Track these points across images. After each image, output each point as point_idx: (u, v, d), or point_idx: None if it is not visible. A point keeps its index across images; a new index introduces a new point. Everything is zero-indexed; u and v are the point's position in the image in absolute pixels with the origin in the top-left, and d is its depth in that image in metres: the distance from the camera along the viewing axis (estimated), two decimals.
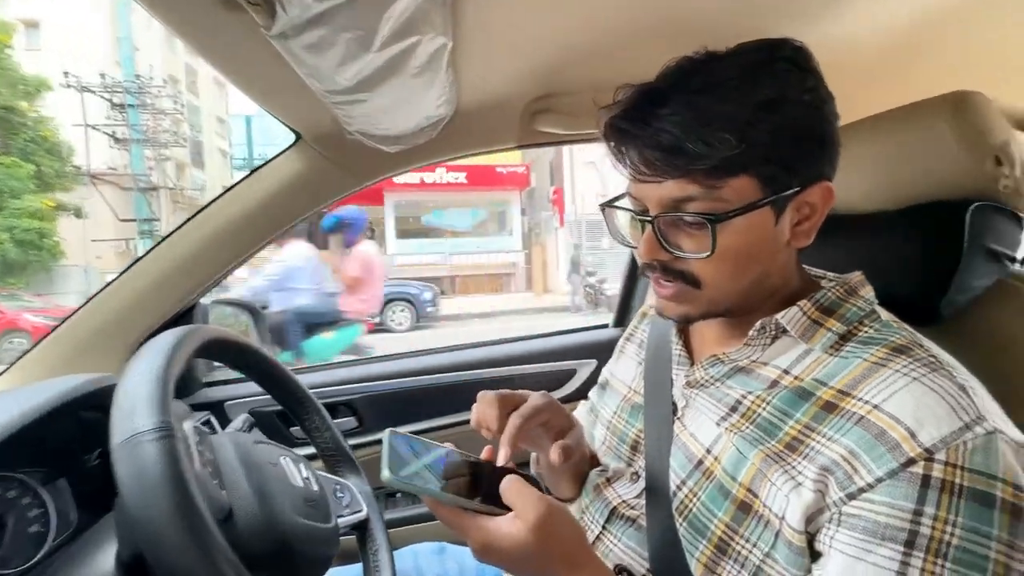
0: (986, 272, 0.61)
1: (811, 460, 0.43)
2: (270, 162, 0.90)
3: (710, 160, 0.44)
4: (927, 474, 0.38)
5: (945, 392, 0.41)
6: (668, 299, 0.52)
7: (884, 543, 0.38)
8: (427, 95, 0.70)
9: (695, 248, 0.48)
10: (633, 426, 0.63)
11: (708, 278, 0.49)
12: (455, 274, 12.80)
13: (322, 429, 0.80)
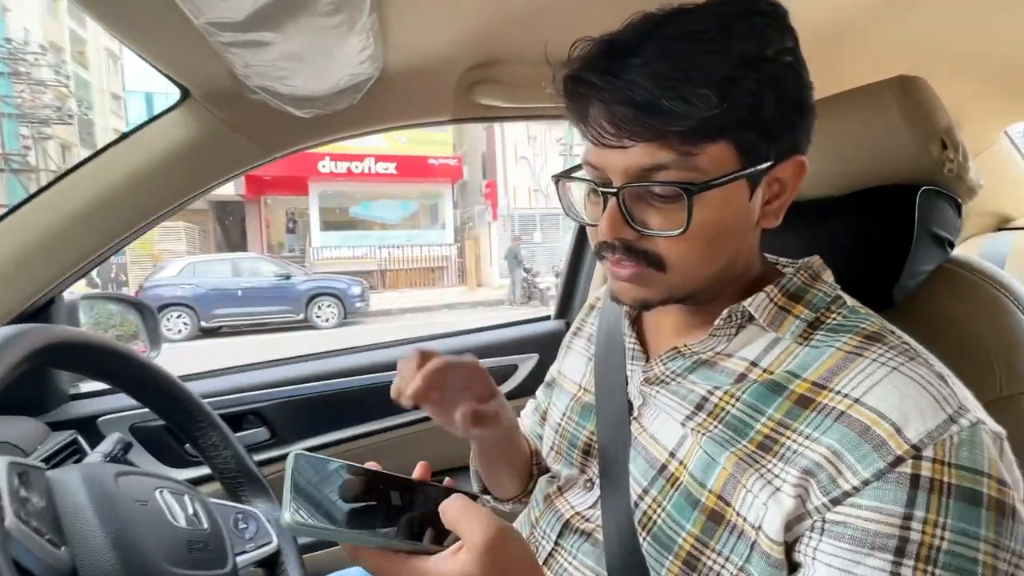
0: (932, 257, 0.61)
1: (789, 462, 0.39)
2: (150, 123, 0.74)
3: (688, 120, 0.38)
4: (916, 473, 0.35)
5: (926, 382, 0.38)
6: (626, 281, 0.46)
7: (873, 553, 0.35)
8: (345, 46, 0.59)
9: (665, 225, 0.42)
10: (584, 428, 0.57)
11: (675, 260, 0.43)
12: (385, 268, 12.36)
13: (220, 446, 0.67)
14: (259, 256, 9.65)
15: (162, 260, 9.27)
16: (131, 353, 0.56)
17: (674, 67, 0.38)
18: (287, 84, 0.63)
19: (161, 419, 0.63)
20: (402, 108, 0.84)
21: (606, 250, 0.45)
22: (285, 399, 0.98)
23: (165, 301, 7.45)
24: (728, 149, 0.41)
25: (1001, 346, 0.55)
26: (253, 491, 0.68)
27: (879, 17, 0.80)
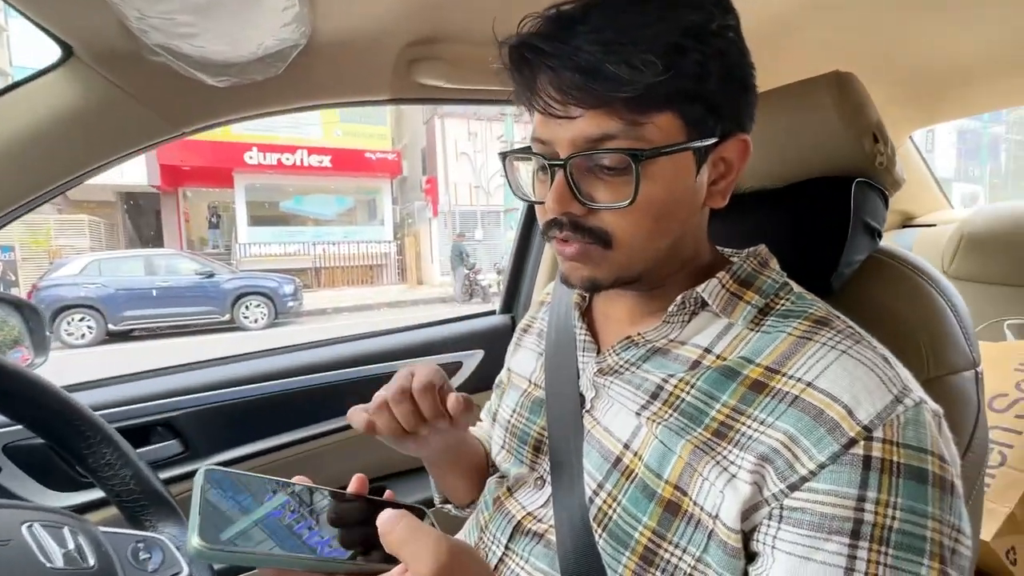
0: (864, 246, 0.64)
1: (744, 448, 0.39)
2: (20, 86, 0.62)
3: (634, 87, 0.38)
4: (867, 455, 0.36)
5: (873, 364, 0.39)
6: (573, 259, 0.45)
7: (831, 538, 0.35)
8: (263, 5, 0.52)
9: (612, 198, 0.42)
10: (535, 423, 0.55)
11: (623, 235, 0.43)
12: (320, 265, 11.81)
13: (116, 464, 0.58)
14: (176, 253, 8.85)
15: (61, 257, 8.31)
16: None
17: (620, 33, 0.38)
18: (193, 44, 0.54)
19: (39, 436, 0.53)
20: (334, 83, 0.77)
21: (554, 227, 0.45)
22: (200, 407, 0.88)
23: (65, 302, 6.68)
24: (674, 120, 0.41)
25: (927, 331, 0.57)
26: (159, 514, 0.60)
27: (804, 18, 0.83)
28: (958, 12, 0.84)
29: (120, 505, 0.58)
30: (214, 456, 0.88)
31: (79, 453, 0.56)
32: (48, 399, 0.51)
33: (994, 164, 13.70)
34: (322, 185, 12.54)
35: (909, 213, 1.50)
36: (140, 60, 0.60)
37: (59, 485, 0.79)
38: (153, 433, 0.86)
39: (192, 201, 12.67)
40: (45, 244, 8.99)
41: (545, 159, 0.43)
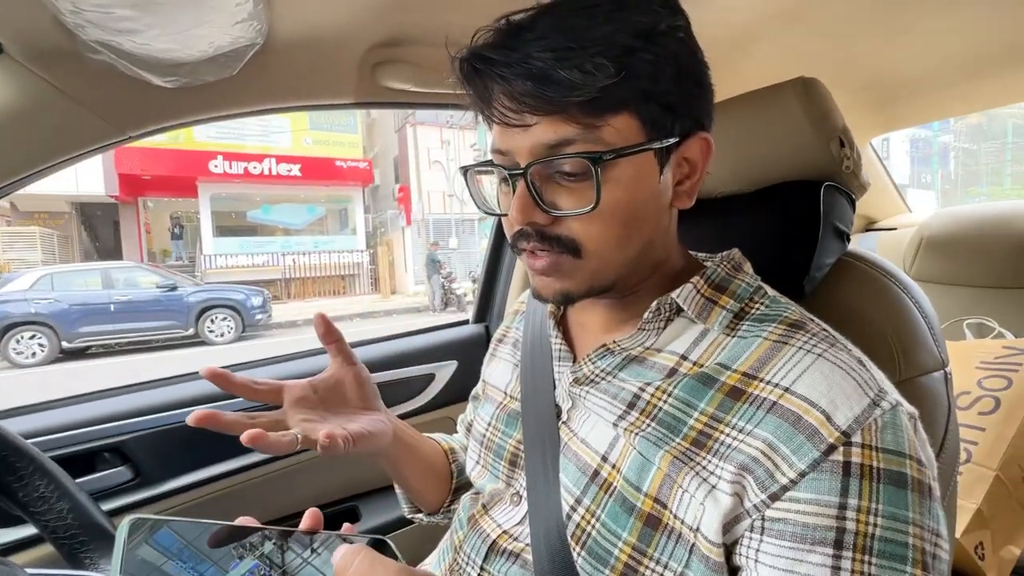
0: (834, 249, 0.64)
1: (724, 458, 0.38)
2: None
3: (587, 91, 0.38)
4: (847, 461, 0.35)
5: (849, 367, 0.39)
6: (544, 273, 0.44)
7: (814, 548, 0.35)
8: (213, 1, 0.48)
9: (576, 204, 0.41)
10: (510, 437, 0.54)
11: (590, 243, 0.42)
12: (290, 276, 11.52)
13: (51, 497, 0.54)
14: (136, 265, 8.46)
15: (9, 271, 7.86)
16: None
17: (570, 39, 0.38)
18: (136, 41, 0.51)
19: None
20: (294, 85, 0.73)
21: (521, 239, 0.44)
22: (152, 429, 0.82)
23: (13, 319, 6.31)
24: (631, 121, 0.40)
25: (897, 334, 0.58)
26: (102, 549, 0.55)
27: (765, 28, 0.84)
28: (911, 24, 0.87)
29: (56, 542, 0.53)
30: (168, 482, 0.82)
31: (8, 487, 0.51)
32: None
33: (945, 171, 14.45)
34: (291, 194, 12.28)
35: (871, 217, 1.55)
36: (79, 58, 0.56)
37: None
38: (100, 460, 0.79)
39: (153, 211, 12.22)
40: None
41: (506, 170, 0.42)
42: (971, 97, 1.14)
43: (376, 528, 0.95)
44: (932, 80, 1.08)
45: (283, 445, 0.42)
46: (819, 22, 0.86)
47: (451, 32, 0.73)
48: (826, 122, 0.62)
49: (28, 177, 0.65)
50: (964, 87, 1.09)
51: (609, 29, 0.39)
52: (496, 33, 0.41)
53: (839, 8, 0.82)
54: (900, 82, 1.10)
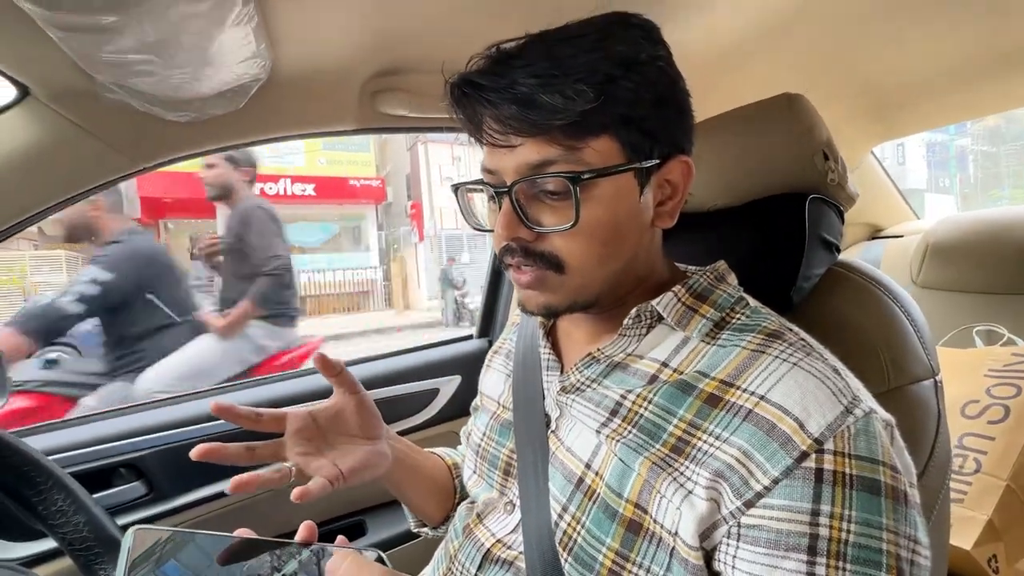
0: (822, 261, 0.65)
1: (701, 464, 0.39)
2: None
3: (568, 115, 0.40)
4: (819, 468, 0.36)
5: (823, 376, 0.40)
6: (528, 287, 0.46)
7: (788, 555, 0.35)
8: (219, 41, 0.52)
9: (557, 221, 0.43)
10: (504, 446, 0.55)
11: (573, 259, 0.44)
12: (305, 294, 11.68)
13: (69, 511, 0.56)
14: None
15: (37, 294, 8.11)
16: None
17: (554, 66, 0.41)
18: (149, 82, 0.55)
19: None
20: (297, 115, 0.77)
21: (507, 254, 0.46)
22: (166, 446, 0.85)
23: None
24: (612, 144, 0.42)
25: (886, 343, 0.58)
26: (114, 561, 0.57)
27: (755, 44, 0.86)
28: (901, 32, 0.87)
29: (73, 554, 0.56)
30: (179, 497, 0.85)
31: (28, 501, 0.54)
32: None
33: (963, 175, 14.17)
34: (306, 213, 12.51)
35: (877, 225, 1.54)
36: (97, 98, 0.60)
37: (16, 535, 0.76)
38: (116, 475, 0.82)
39: (173, 233, 12.53)
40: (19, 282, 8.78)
41: (493, 188, 0.45)
42: (970, 104, 1.14)
43: (382, 542, 0.96)
44: (928, 87, 1.08)
45: (275, 481, 0.46)
46: (807, 37, 0.88)
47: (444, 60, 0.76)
48: (810, 136, 0.63)
49: (51, 208, 0.69)
50: (962, 94, 1.09)
51: (592, 58, 0.41)
52: (486, 60, 0.44)
53: (826, 22, 0.84)
54: (896, 90, 1.10)
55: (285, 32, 0.62)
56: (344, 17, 0.64)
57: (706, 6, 0.74)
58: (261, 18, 0.55)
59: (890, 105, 1.18)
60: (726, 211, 0.69)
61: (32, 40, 0.51)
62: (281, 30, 0.61)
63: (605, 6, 0.49)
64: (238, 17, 0.49)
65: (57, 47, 0.51)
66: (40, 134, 0.63)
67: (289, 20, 0.60)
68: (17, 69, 0.57)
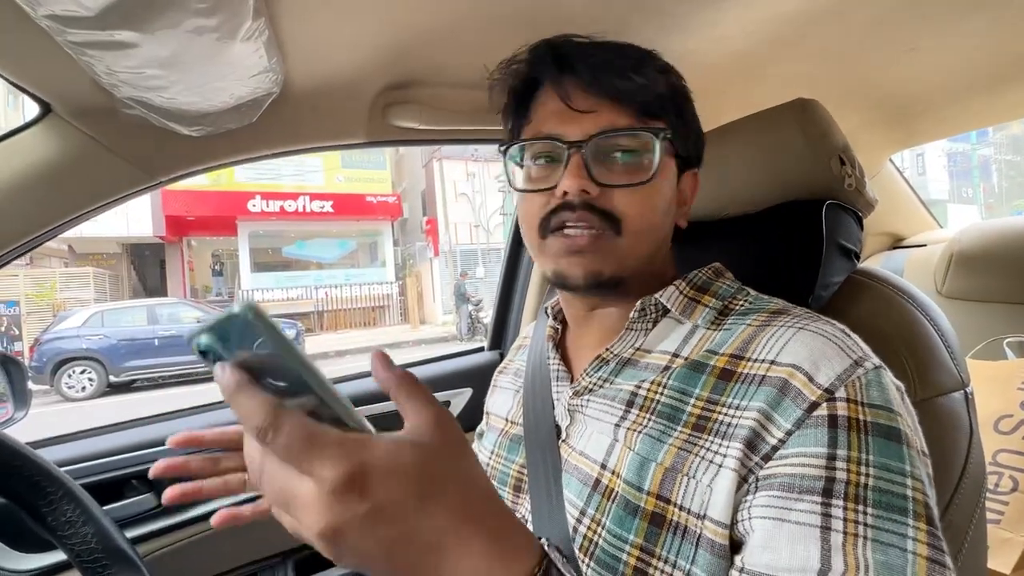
0: (841, 268, 0.63)
1: (727, 436, 0.39)
2: (2, 140, 0.64)
3: (647, 93, 0.46)
4: (832, 414, 0.36)
5: (831, 335, 0.40)
6: (582, 250, 0.46)
7: (802, 497, 0.34)
8: (232, 56, 0.53)
9: (628, 178, 0.46)
10: (513, 462, 0.55)
11: (632, 219, 0.46)
12: (323, 308, 11.83)
13: (77, 521, 0.56)
14: (179, 301, 8.88)
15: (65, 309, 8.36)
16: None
17: (631, 51, 0.48)
18: (164, 96, 0.56)
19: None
20: (309, 129, 0.79)
21: (565, 211, 0.46)
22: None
23: (67, 355, 6.67)
24: (667, 130, 0.48)
25: (911, 352, 0.56)
26: (121, 573, 0.57)
27: (768, 53, 0.85)
28: (916, 40, 0.86)
29: (80, 565, 0.55)
30: (191, 510, 0.85)
31: (38, 511, 0.54)
32: (3, 453, 0.50)
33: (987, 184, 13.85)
34: (324, 229, 12.74)
35: (898, 235, 1.50)
36: (115, 114, 0.62)
37: (29, 546, 0.76)
38: (128, 487, 0.83)
39: (196, 250, 12.87)
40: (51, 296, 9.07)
41: (564, 144, 0.46)
42: (989, 110, 1.11)
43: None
44: (945, 95, 1.06)
45: (230, 488, 0.42)
46: (820, 44, 0.87)
47: (453, 74, 0.77)
48: (825, 141, 0.62)
49: (71, 222, 0.71)
50: (980, 100, 1.06)
51: (647, 56, 0.49)
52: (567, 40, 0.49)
53: (838, 29, 0.83)
54: (912, 98, 1.08)
55: (296, 47, 0.63)
56: (355, 31, 0.65)
57: (717, 15, 0.74)
58: (272, 33, 0.56)
59: (908, 112, 1.16)
60: (740, 218, 0.68)
61: (53, 58, 0.52)
62: (292, 45, 0.62)
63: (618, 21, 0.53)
64: (248, 32, 0.50)
65: (77, 65, 0.52)
66: (61, 150, 0.65)
67: (300, 35, 0.61)
68: (39, 87, 0.59)
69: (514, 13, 0.65)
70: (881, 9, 0.77)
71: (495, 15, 0.66)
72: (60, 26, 0.42)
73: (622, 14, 0.70)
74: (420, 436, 0.28)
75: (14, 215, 0.67)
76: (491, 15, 0.66)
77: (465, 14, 0.65)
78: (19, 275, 8.54)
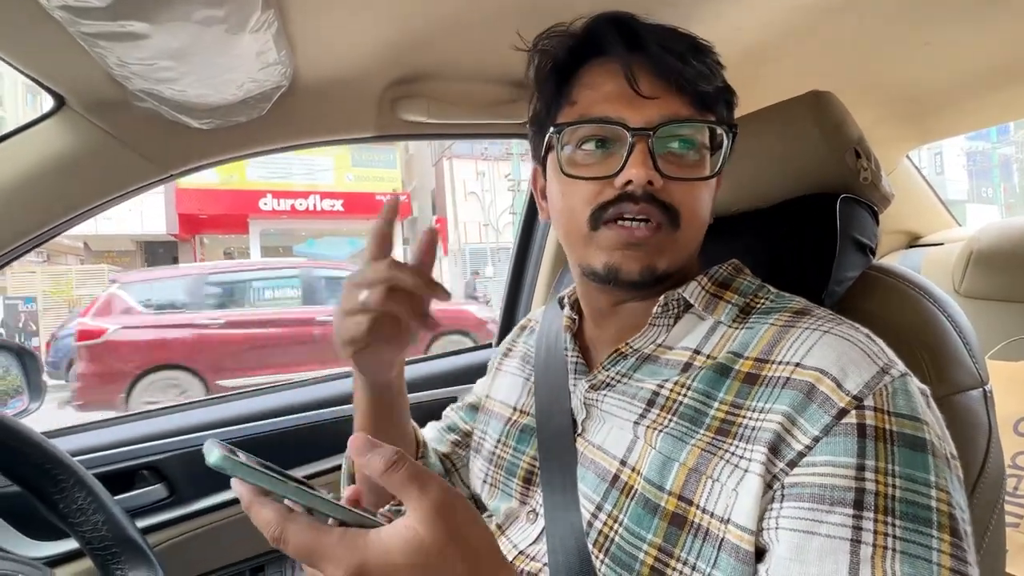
0: (856, 263, 0.62)
1: (751, 440, 0.38)
2: (16, 135, 0.65)
3: (712, 82, 0.45)
4: (861, 423, 0.35)
5: (856, 340, 0.39)
6: (640, 242, 0.45)
7: (833, 509, 0.34)
8: (240, 47, 0.54)
9: (691, 171, 0.46)
10: (524, 454, 0.53)
11: (691, 214, 0.46)
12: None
13: (88, 510, 0.57)
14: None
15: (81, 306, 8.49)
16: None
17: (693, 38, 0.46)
18: (175, 89, 0.56)
19: (8, 480, 0.52)
20: (318, 122, 0.79)
21: (626, 202, 0.44)
22: (188, 449, 0.86)
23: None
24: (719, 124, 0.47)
25: (927, 349, 0.54)
26: (131, 563, 0.58)
27: (782, 45, 0.84)
28: (933, 35, 0.84)
29: (91, 553, 0.56)
30: (202, 499, 0.86)
31: (50, 498, 0.55)
32: (17, 441, 0.51)
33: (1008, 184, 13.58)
34: (334, 228, 12.82)
35: (915, 233, 1.47)
36: (128, 106, 0.62)
37: (45, 534, 0.77)
38: (138, 478, 0.84)
39: (208, 247, 13.01)
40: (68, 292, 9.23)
41: (634, 130, 0.43)
42: (1008, 106, 1.08)
43: None
44: (963, 91, 1.03)
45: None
46: (834, 37, 0.85)
47: (462, 68, 0.77)
48: (840, 133, 0.61)
49: (84, 214, 0.72)
50: (998, 96, 1.04)
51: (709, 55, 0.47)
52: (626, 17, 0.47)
53: (853, 23, 0.81)
54: (929, 94, 1.06)
55: (305, 40, 0.63)
56: (363, 25, 0.65)
57: (731, 6, 0.72)
58: (281, 25, 0.56)
59: (924, 109, 1.13)
60: (754, 213, 0.67)
61: (67, 51, 0.53)
62: (301, 37, 0.62)
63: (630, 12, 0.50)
64: (257, 23, 0.50)
65: (90, 58, 0.53)
66: (75, 143, 0.66)
67: (309, 28, 0.61)
68: (53, 79, 0.60)
69: (523, 8, 0.65)
70: (896, 1, 0.76)
71: (503, 10, 0.65)
72: (73, 17, 0.43)
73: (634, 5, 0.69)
74: (418, 531, 0.28)
75: (29, 207, 0.67)
76: (499, 10, 0.65)
77: (473, 9, 0.65)
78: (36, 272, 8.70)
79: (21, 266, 8.40)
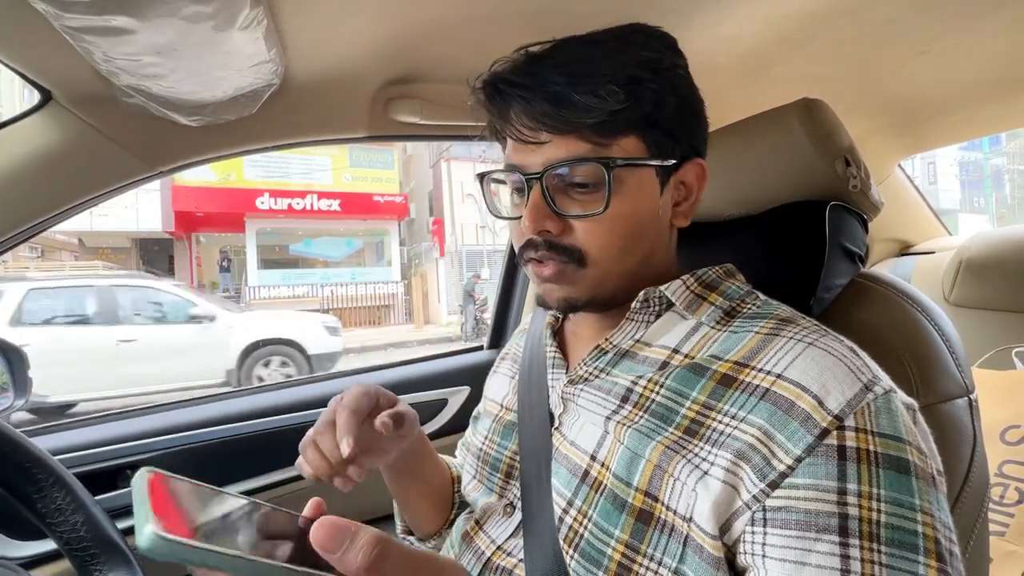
0: (844, 271, 0.62)
1: (718, 444, 0.38)
2: (3, 127, 0.64)
3: (598, 114, 0.42)
4: (841, 444, 0.35)
5: (840, 354, 0.39)
6: (549, 280, 0.47)
7: (820, 536, 0.33)
8: (230, 45, 0.53)
9: (586, 209, 0.45)
10: (506, 448, 0.54)
11: (595, 251, 0.45)
12: (328, 306, 11.87)
13: (67, 509, 0.56)
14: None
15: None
16: None
17: (585, 66, 0.42)
18: (162, 85, 0.56)
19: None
20: (310, 121, 0.78)
21: (529, 249, 0.46)
22: (174, 448, 0.85)
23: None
24: (637, 143, 0.44)
25: (914, 357, 0.55)
26: (111, 563, 0.57)
27: (776, 54, 0.84)
28: (928, 44, 0.85)
29: (70, 554, 0.55)
30: None
31: (29, 497, 0.54)
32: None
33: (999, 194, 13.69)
34: (331, 228, 12.79)
35: (906, 241, 1.48)
36: (116, 103, 0.62)
37: (20, 533, 0.76)
38: (122, 477, 0.83)
39: (205, 246, 12.95)
40: None
41: (523, 175, 0.45)
42: (1001, 116, 1.09)
43: None
44: (957, 100, 1.04)
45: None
46: (828, 45, 0.86)
47: (455, 69, 0.77)
48: (830, 141, 0.61)
49: (70, 210, 0.71)
50: (992, 106, 1.04)
51: (620, 60, 0.43)
52: (517, 59, 0.45)
53: (847, 30, 0.81)
54: (923, 103, 1.07)
55: (297, 38, 0.63)
56: (356, 25, 0.65)
57: (724, 13, 0.73)
58: (271, 23, 0.55)
59: (918, 117, 1.14)
60: (743, 220, 0.67)
61: (54, 45, 0.52)
62: (292, 36, 0.62)
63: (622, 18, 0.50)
64: (246, 20, 0.49)
65: (77, 52, 0.52)
66: (61, 138, 0.65)
67: (300, 26, 0.61)
68: (40, 74, 0.60)
69: (516, 9, 0.65)
70: (892, 10, 0.76)
71: (497, 11, 0.65)
72: (57, 10, 0.42)
73: (625, 11, 0.69)
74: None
75: (15, 202, 0.67)
76: (493, 11, 0.65)
77: (467, 9, 0.65)
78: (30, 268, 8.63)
79: (14, 261, 8.33)
